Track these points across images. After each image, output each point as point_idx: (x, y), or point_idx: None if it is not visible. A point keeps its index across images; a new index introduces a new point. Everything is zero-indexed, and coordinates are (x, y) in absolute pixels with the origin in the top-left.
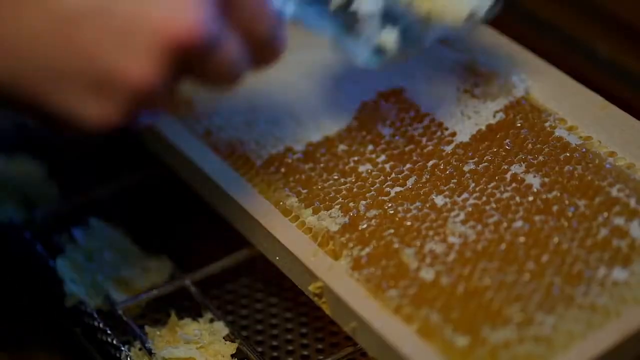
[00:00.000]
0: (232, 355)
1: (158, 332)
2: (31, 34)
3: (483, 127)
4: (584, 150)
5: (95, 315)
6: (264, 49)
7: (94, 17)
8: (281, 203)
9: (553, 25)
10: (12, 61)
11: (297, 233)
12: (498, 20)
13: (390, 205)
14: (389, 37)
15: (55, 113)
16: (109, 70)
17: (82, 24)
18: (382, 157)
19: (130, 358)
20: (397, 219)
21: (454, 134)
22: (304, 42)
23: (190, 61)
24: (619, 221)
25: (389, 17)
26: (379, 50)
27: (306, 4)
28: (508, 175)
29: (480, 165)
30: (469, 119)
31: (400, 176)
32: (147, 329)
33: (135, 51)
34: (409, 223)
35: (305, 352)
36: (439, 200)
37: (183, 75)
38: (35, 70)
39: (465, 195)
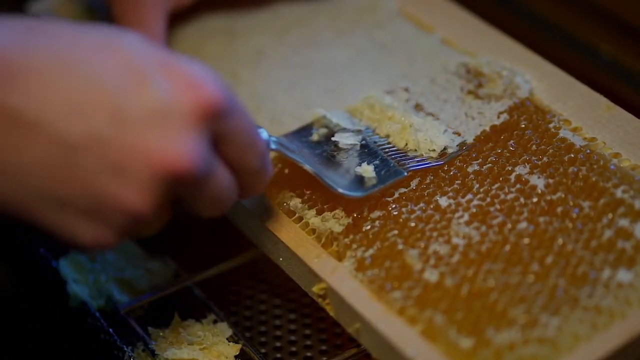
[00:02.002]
0: (236, 357)
1: (161, 333)
2: (30, 161)
3: (487, 128)
4: (588, 151)
5: (99, 316)
6: (252, 179)
7: (92, 148)
8: (285, 204)
9: (558, 26)
10: (10, 186)
11: (300, 234)
12: (502, 21)
13: (394, 206)
14: (368, 169)
15: (52, 233)
16: (104, 198)
17: (81, 153)
18: None
19: (133, 359)
20: (401, 220)
21: (457, 135)
22: (306, 42)
23: (182, 191)
24: (624, 222)
25: (367, 149)
26: (359, 180)
27: (290, 137)
28: (512, 177)
29: (484, 167)
30: (472, 120)
31: None
32: (151, 330)
33: (130, 181)
34: (412, 224)
35: (309, 354)
36: (443, 202)
37: (175, 203)
38: (33, 196)
39: (469, 196)
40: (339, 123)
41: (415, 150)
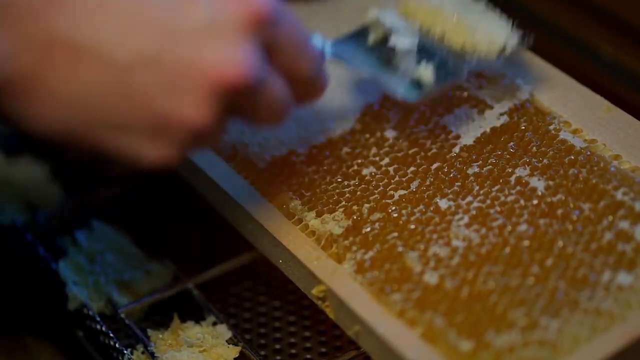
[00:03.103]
0: (235, 359)
1: (161, 336)
2: (87, 88)
3: (487, 130)
4: (588, 153)
5: (98, 319)
6: (306, 87)
7: (146, 66)
8: (284, 206)
9: (558, 28)
10: (71, 116)
11: (300, 236)
12: None
13: (394, 208)
14: (426, 71)
15: (113, 156)
16: (164, 116)
17: (135, 73)
18: (386, 160)
19: None
20: (400, 222)
21: (458, 137)
22: None
23: (238, 102)
24: (624, 225)
25: (424, 51)
26: (417, 84)
27: (345, 42)
28: (512, 179)
29: (484, 169)
30: (473, 122)
31: (404, 179)
32: (150, 332)
33: (187, 96)
34: (412, 226)
35: (309, 356)
36: (443, 204)
37: (232, 115)
38: (93, 123)
39: (469, 198)
40: (393, 25)
41: (473, 50)
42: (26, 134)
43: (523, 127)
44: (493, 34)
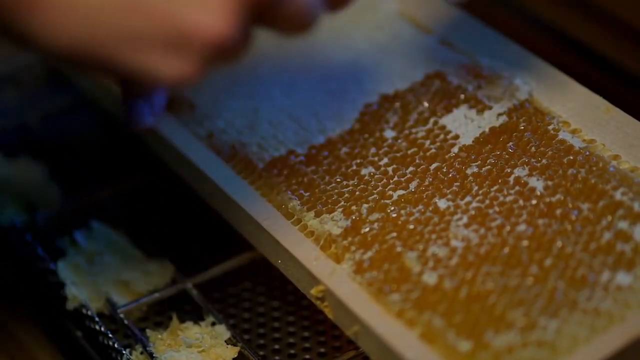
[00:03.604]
0: (234, 359)
1: (159, 336)
2: (104, 1)
3: (486, 130)
4: (587, 153)
5: (97, 319)
6: None
7: None
8: (283, 206)
9: (557, 28)
10: (87, 29)
11: (299, 236)
12: (501, 22)
13: (392, 208)
14: None
15: (133, 72)
16: (184, 27)
17: None
18: (385, 160)
19: None
20: (399, 222)
21: (457, 137)
22: (304, 44)
23: (263, 8)
24: (623, 225)
25: None
26: None
27: None
28: (511, 179)
29: (483, 169)
30: (472, 122)
31: (403, 179)
32: (149, 332)
33: (207, 6)
34: (411, 226)
35: (307, 356)
36: (442, 204)
37: (256, 24)
38: (111, 35)
39: (468, 198)
40: None
41: None
42: (41, 52)
43: (522, 127)
44: None
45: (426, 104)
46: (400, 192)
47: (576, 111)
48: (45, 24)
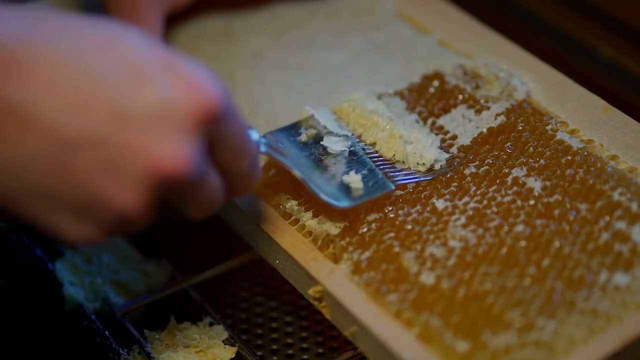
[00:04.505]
0: (232, 359)
1: (157, 336)
2: (23, 155)
3: (484, 131)
4: (585, 153)
5: (95, 319)
6: (241, 182)
7: (88, 146)
8: (281, 206)
9: (555, 28)
10: (4, 181)
11: (297, 236)
12: (499, 22)
13: (390, 208)
14: (356, 180)
15: (40, 229)
16: (96, 198)
17: (76, 151)
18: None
19: None
20: (397, 222)
21: (455, 137)
22: (302, 44)
23: (172, 193)
24: (621, 225)
25: (355, 158)
26: (346, 189)
27: (278, 136)
28: (509, 179)
29: (481, 169)
30: (470, 122)
31: None
32: (146, 332)
33: (123, 181)
34: (409, 227)
35: (305, 356)
36: (440, 204)
37: (162, 206)
38: (23, 190)
39: (466, 198)
40: (326, 126)
41: (403, 162)
42: None
43: (520, 128)
44: (423, 150)
45: (424, 104)
46: (398, 192)
47: (574, 111)
48: None
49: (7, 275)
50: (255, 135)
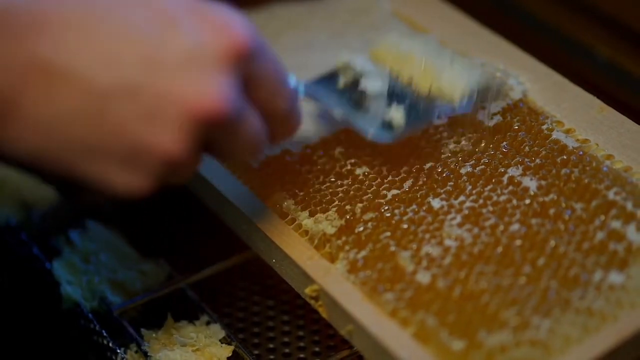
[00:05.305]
0: (229, 358)
1: (154, 335)
2: (64, 113)
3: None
4: (581, 153)
5: (92, 318)
6: (282, 124)
7: (124, 95)
8: (278, 205)
9: (552, 28)
10: (47, 140)
11: (293, 236)
12: (496, 21)
13: (386, 208)
14: (397, 114)
15: (86, 182)
16: (140, 144)
17: (113, 101)
18: (379, 160)
19: None
20: (393, 221)
21: (451, 137)
22: (300, 44)
23: (214, 135)
24: (616, 224)
25: (394, 95)
26: (388, 126)
27: (317, 83)
28: (505, 178)
29: (477, 168)
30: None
31: (396, 179)
32: (144, 331)
33: (164, 126)
34: (405, 226)
35: (302, 355)
36: (436, 203)
37: (206, 149)
38: (69, 148)
39: (462, 198)
40: (363, 69)
41: (439, 95)
42: None
43: (516, 127)
44: (458, 79)
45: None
46: (395, 191)
47: (570, 111)
48: (6, 131)
49: (4, 274)
50: (293, 79)
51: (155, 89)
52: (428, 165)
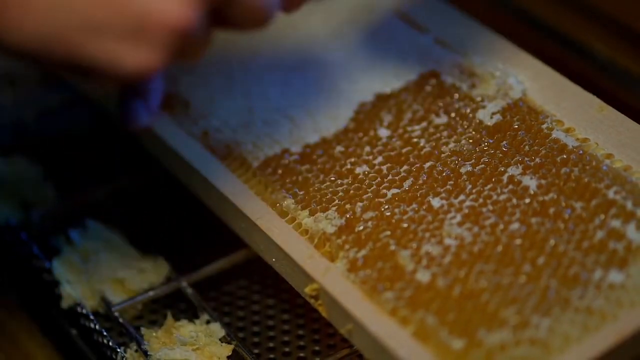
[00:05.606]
0: (228, 357)
1: (154, 334)
2: None
3: (481, 129)
4: (581, 152)
5: (92, 317)
6: None
7: None
8: (278, 205)
9: (551, 27)
10: (49, 23)
11: (293, 235)
12: (495, 21)
13: (386, 207)
14: None
15: (94, 64)
16: (145, 14)
17: None
18: (379, 159)
19: (126, 359)
20: (393, 220)
21: (451, 136)
22: (300, 43)
23: (221, 2)
24: (616, 223)
25: None
26: None
27: None
28: (505, 177)
29: (477, 167)
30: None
31: (397, 178)
32: (143, 330)
33: None
34: (405, 225)
35: (302, 354)
36: (436, 202)
37: (215, 19)
38: (73, 27)
39: (461, 197)
40: None
41: None
42: (2, 51)
43: (516, 126)
44: None
45: (420, 103)
46: (395, 190)
47: (570, 110)
48: (5, 16)
49: (4, 273)
50: None
51: None
52: (428, 164)
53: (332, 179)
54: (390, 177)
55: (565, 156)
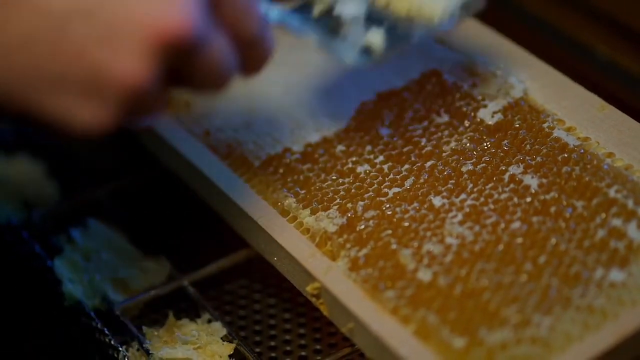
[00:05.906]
0: (230, 356)
1: (156, 333)
2: (17, 36)
3: (481, 128)
4: (582, 151)
5: (93, 316)
6: (252, 50)
7: (80, 17)
8: (279, 204)
9: (552, 26)
10: (3, 69)
11: (295, 234)
12: (497, 20)
13: (388, 206)
14: (376, 37)
15: (46, 119)
16: (99, 71)
17: (69, 24)
18: (380, 158)
19: (127, 358)
20: (394, 219)
21: (452, 135)
22: (300, 42)
23: (179, 62)
24: (617, 222)
25: (371, 19)
26: (367, 50)
27: (292, 11)
28: (506, 176)
29: (478, 166)
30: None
31: (398, 177)
32: (145, 329)
33: (123, 49)
34: (406, 224)
35: (303, 353)
36: (437, 201)
37: (172, 79)
38: (25, 76)
39: (463, 196)
40: None
41: (418, 15)
42: None
43: (517, 125)
44: (436, 2)
45: (422, 102)
46: (396, 189)
47: (571, 109)
48: None
49: (5, 272)
50: (264, 4)
51: (113, 10)
52: (429, 163)
53: (334, 177)
54: (391, 176)
55: (566, 155)
